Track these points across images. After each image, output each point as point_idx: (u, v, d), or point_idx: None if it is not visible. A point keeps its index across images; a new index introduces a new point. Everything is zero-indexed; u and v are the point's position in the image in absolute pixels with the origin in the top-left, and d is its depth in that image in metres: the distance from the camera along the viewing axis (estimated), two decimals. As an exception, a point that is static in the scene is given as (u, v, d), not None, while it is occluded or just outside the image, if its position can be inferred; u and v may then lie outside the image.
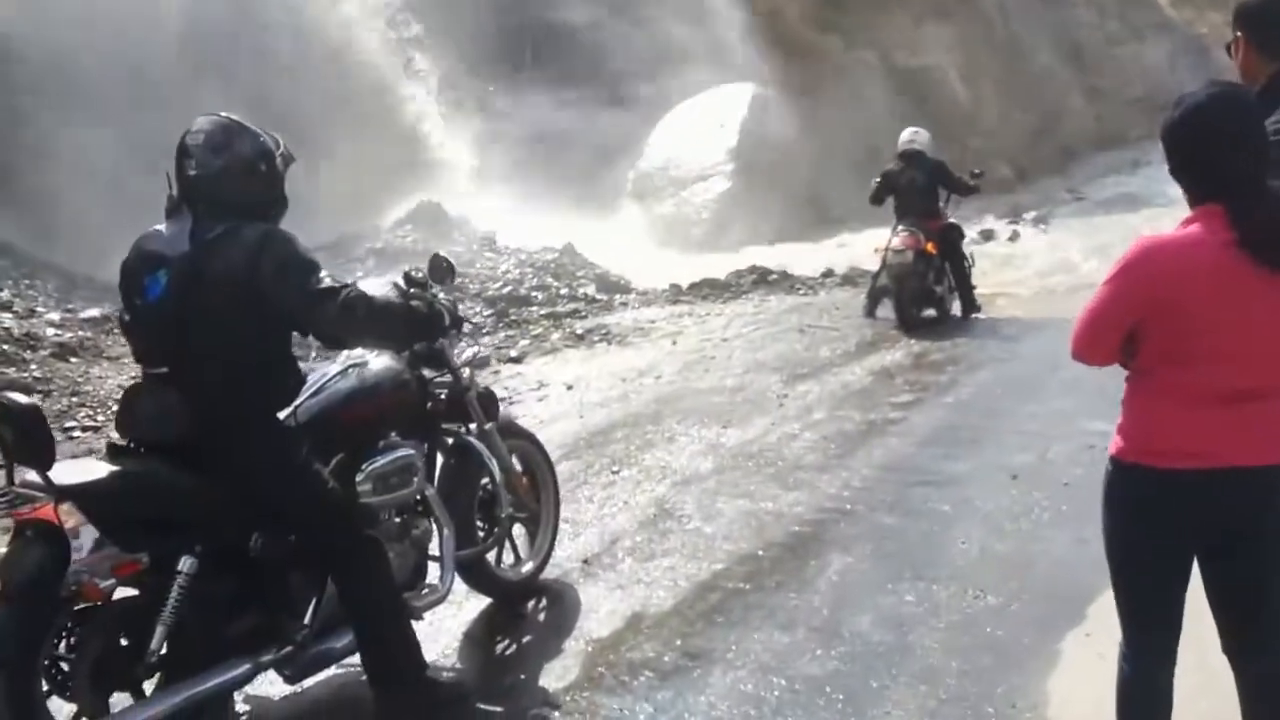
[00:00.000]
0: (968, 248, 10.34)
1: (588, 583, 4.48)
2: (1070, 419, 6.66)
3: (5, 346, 7.89)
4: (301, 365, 3.83)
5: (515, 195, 16.94)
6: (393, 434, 3.88)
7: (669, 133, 19.13)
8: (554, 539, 4.58)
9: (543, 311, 10.28)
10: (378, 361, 3.82)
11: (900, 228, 9.72)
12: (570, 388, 7.61)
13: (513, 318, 10.00)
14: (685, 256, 16.40)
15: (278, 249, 3.24)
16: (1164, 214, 21.13)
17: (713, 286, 11.17)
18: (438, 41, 19.39)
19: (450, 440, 4.21)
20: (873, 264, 12.84)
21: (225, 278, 3.24)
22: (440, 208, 13.86)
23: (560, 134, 19.39)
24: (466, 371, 4.18)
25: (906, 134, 10.25)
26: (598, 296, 11.45)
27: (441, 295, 3.92)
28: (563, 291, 11.39)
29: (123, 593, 3.17)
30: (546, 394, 7.51)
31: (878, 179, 10.22)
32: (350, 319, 3.25)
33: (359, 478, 3.63)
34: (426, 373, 4.08)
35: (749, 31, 21.01)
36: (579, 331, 9.33)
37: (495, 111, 19.62)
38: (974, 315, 9.97)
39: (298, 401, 3.54)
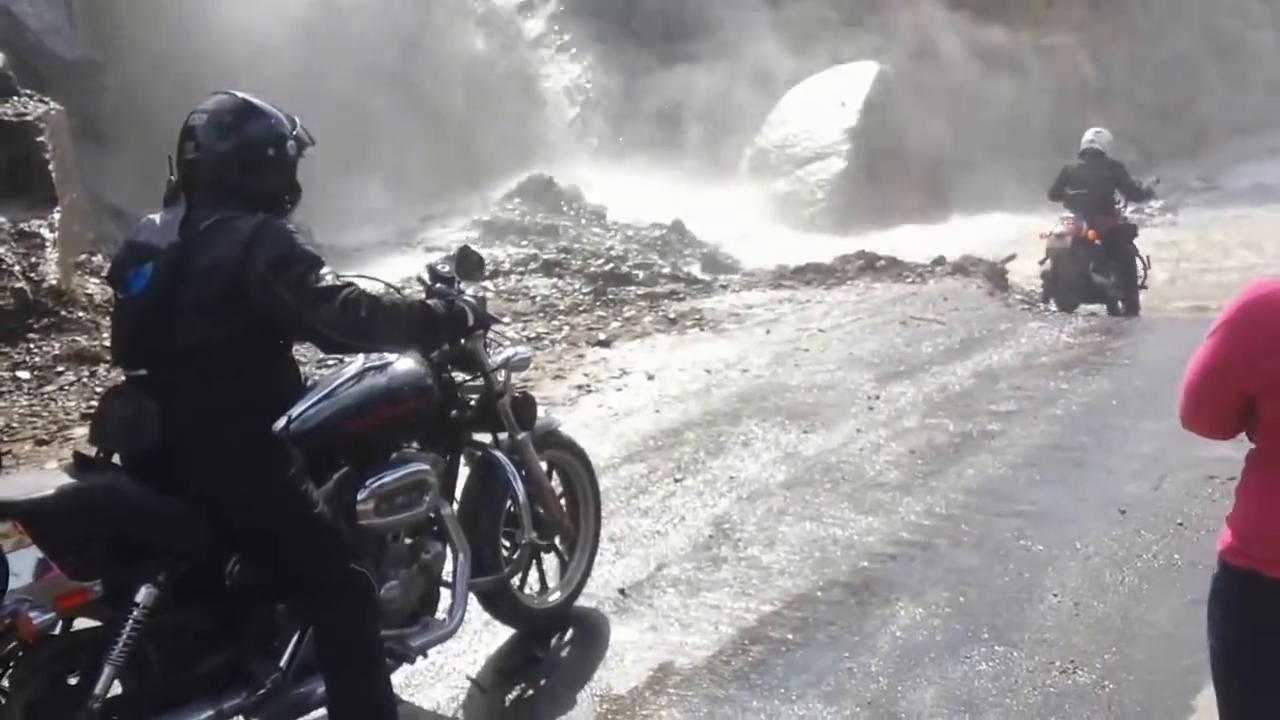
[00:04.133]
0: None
1: (620, 619, 3.83)
2: (1190, 442, 5.54)
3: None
4: (313, 370, 3.29)
5: (634, 169, 16.27)
6: (413, 444, 3.30)
7: (790, 109, 18.13)
8: (589, 565, 3.93)
9: (640, 292, 9.59)
10: (400, 364, 3.24)
11: (1066, 216, 9.55)
12: (651, 378, 6.93)
13: (610, 296, 9.35)
14: (798, 236, 15.49)
15: (272, 241, 2.75)
16: (1304, 206, 19.31)
17: (817, 271, 10.29)
18: (569, 15, 18.79)
19: (477, 453, 3.59)
20: (990, 252, 11.87)
21: (213, 271, 2.75)
22: (551, 181, 13.28)
23: (686, 109, 18.61)
24: (502, 375, 3.56)
25: (1089, 134, 10.06)
26: (700, 277, 10.71)
27: (469, 292, 3.35)
28: (665, 270, 10.69)
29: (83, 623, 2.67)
30: (626, 383, 6.84)
31: (1058, 175, 10.04)
32: (351, 321, 2.75)
33: (360, 495, 3.05)
34: (458, 375, 3.49)
35: (879, 7, 19.79)
36: (672, 315, 8.62)
37: (622, 85, 18.94)
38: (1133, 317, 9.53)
39: (297, 410, 2.98)
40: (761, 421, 6.03)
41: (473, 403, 3.52)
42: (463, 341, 3.36)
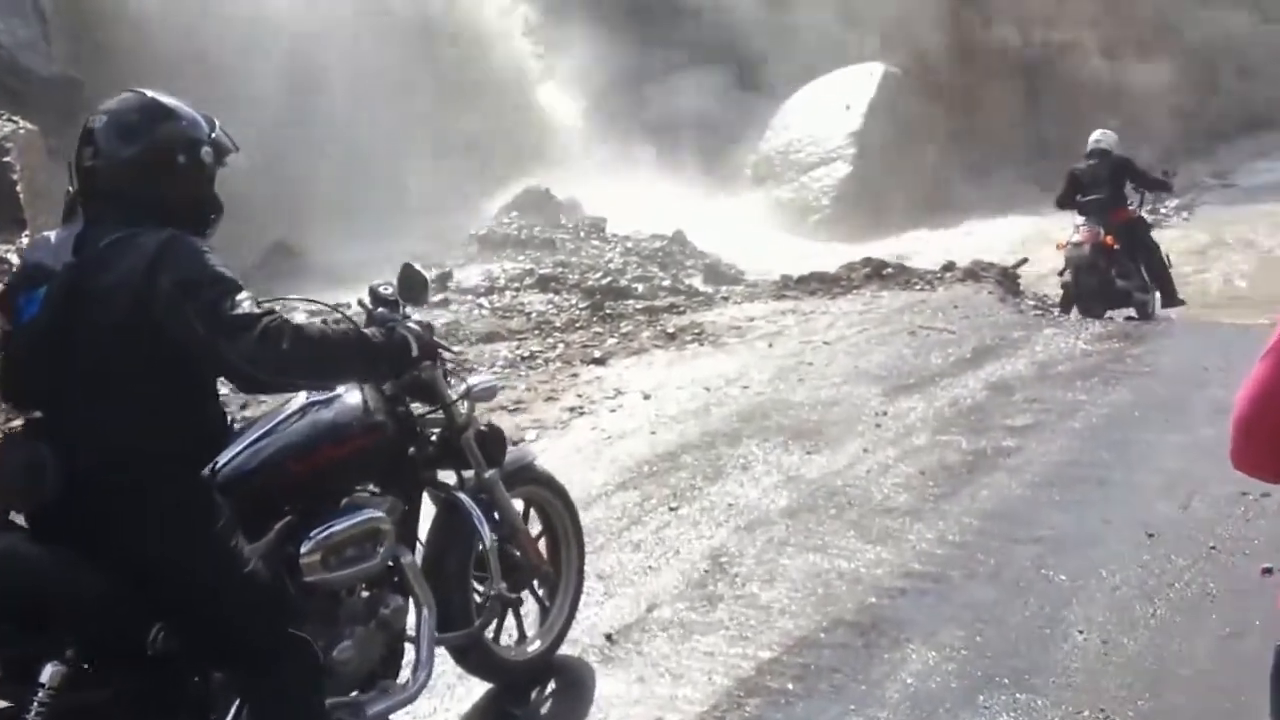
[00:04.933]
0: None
1: (606, 668, 3.54)
2: (1219, 455, 5.24)
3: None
4: (244, 411, 2.98)
5: (633, 178, 16.02)
6: (370, 486, 3.00)
7: (794, 114, 17.90)
8: (572, 611, 3.62)
9: (639, 306, 9.33)
10: (349, 397, 2.92)
11: (1081, 223, 9.44)
12: (648, 397, 6.65)
13: (607, 312, 9.09)
14: (803, 244, 15.24)
15: (180, 261, 2.41)
16: (1322, 204, 18.94)
17: (821, 281, 10.01)
18: (568, 23, 18.57)
19: (441, 494, 3.29)
20: (1001, 256, 11.60)
21: (113, 295, 2.41)
22: (548, 193, 13.04)
23: (686, 115, 18.36)
24: (464, 406, 3.21)
25: (1095, 134, 10.02)
26: (701, 289, 10.45)
27: (415, 317, 3.02)
28: (665, 283, 10.43)
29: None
30: (621, 404, 6.56)
31: (1065, 180, 9.97)
32: (272, 355, 2.40)
33: (304, 548, 2.72)
34: (418, 408, 3.17)
35: (883, 6, 19.51)
36: (670, 330, 8.34)
37: (622, 94, 18.71)
38: (1174, 309, 9.50)
39: (227, 453, 2.69)
40: (762, 442, 5.74)
41: (434, 438, 3.20)
42: (410, 374, 2.99)
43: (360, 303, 3.09)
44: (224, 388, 2.66)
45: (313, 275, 11.81)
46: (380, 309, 3.02)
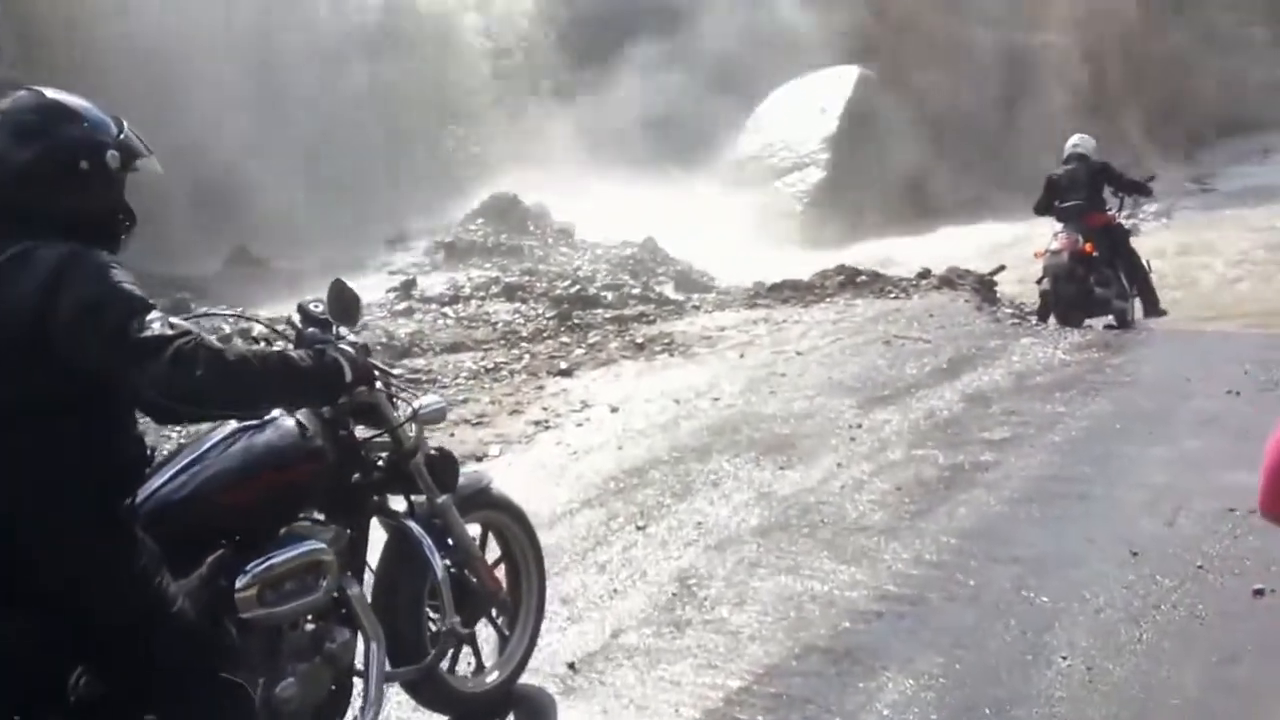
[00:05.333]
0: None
1: (568, 700, 3.39)
2: (1204, 469, 5.29)
3: None
4: (170, 436, 2.81)
5: (604, 183, 15.88)
6: (314, 514, 2.84)
7: (768, 117, 17.83)
8: (533, 640, 3.48)
9: (608, 315, 9.19)
10: (283, 422, 2.76)
11: (1059, 230, 9.40)
12: (615, 410, 6.51)
13: (575, 321, 8.94)
14: (776, 250, 15.13)
15: (82, 278, 2.23)
16: (1300, 209, 19.06)
17: (794, 288, 9.91)
18: (538, 27, 18.44)
19: (390, 521, 3.12)
20: (979, 266, 11.54)
21: (11, 318, 2.23)
22: (515, 199, 12.88)
23: (657, 118, 18.25)
24: (412, 429, 3.05)
25: (1073, 139, 10.02)
26: (672, 297, 10.32)
27: (350, 337, 2.86)
28: (635, 291, 10.29)
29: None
30: (588, 417, 6.42)
31: (1043, 187, 9.89)
32: (185, 381, 2.21)
33: (239, 582, 2.57)
34: (363, 431, 3.00)
35: (859, 8, 19.49)
36: (640, 340, 8.21)
37: (593, 97, 18.58)
38: (1156, 317, 9.44)
39: (151, 484, 2.53)
40: (733, 457, 5.61)
41: (381, 463, 3.04)
42: (343, 400, 2.82)
43: (289, 321, 2.92)
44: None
45: (274, 283, 11.61)
46: (311, 329, 2.85)
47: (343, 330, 2.86)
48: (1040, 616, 3.82)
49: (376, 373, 2.87)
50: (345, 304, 2.88)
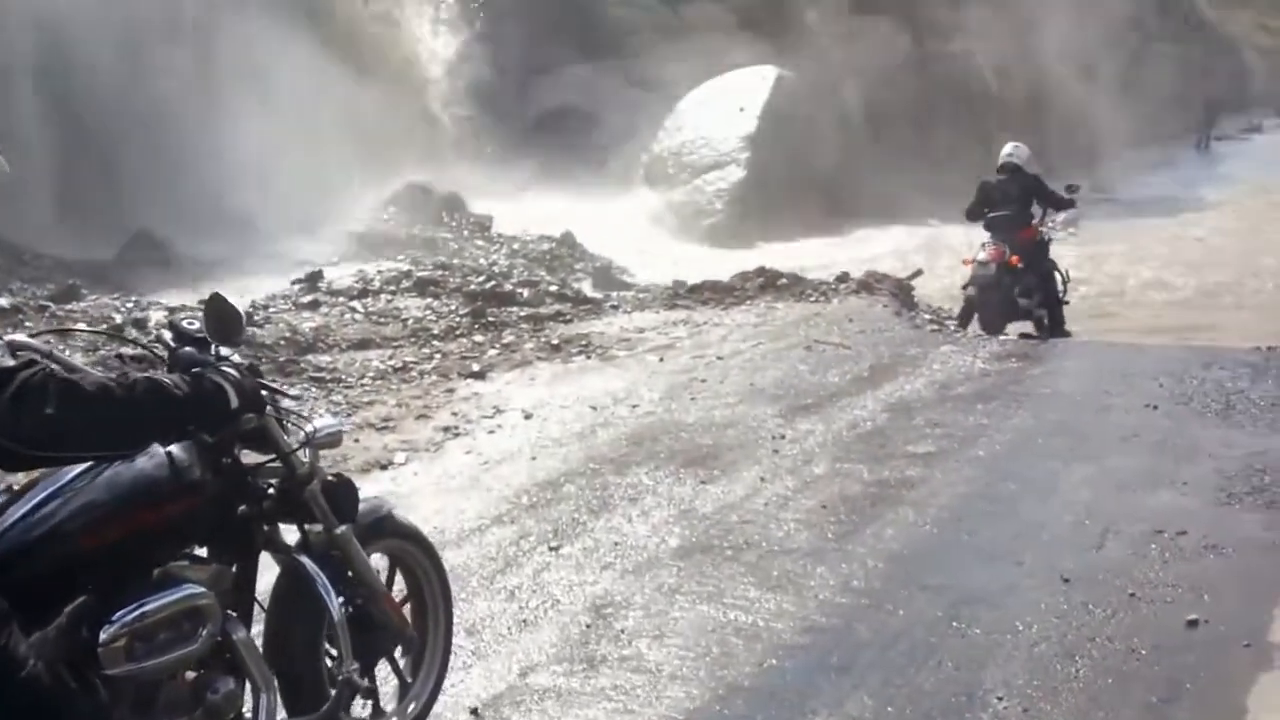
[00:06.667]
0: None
1: (470, 754, 3.04)
2: (1128, 487, 5.17)
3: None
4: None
5: (521, 175, 15.49)
6: (191, 548, 2.46)
7: (687, 115, 17.59)
8: (439, 680, 3.13)
9: (524, 313, 8.81)
10: (156, 449, 2.34)
11: (988, 240, 9.50)
12: (529, 416, 6.16)
13: (489, 319, 8.54)
14: (696, 248, 14.95)
15: None
16: (1197, 219, 19.57)
17: (715, 290, 9.67)
18: (457, 14, 17.90)
19: (282, 556, 2.72)
20: (895, 269, 11.46)
21: None
22: (429, 189, 12.41)
23: (575, 112, 17.90)
24: (306, 454, 2.66)
25: (1006, 148, 10.02)
26: (590, 295, 9.99)
27: (234, 358, 2.50)
28: (553, 288, 9.93)
29: None
30: (500, 424, 6.06)
31: (975, 192, 9.91)
32: (32, 420, 1.90)
33: (104, 635, 2.19)
34: (250, 457, 2.61)
35: (779, 8, 19.36)
36: (556, 341, 7.86)
37: (512, 88, 18.13)
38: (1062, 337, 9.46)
39: None
40: (653, 470, 5.31)
41: (271, 490, 2.65)
42: (228, 429, 2.46)
43: (160, 340, 2.54)
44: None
45: (176, 270, 10.99)
46: (186, 348, 2.47)
47: (223, 350, 2.49)
48: (974, 651, 3.60)
49: (265, 395, 2.51)
50: (225, 321, 2.47)
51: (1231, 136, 30.62)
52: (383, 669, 3.00)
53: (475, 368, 7.17)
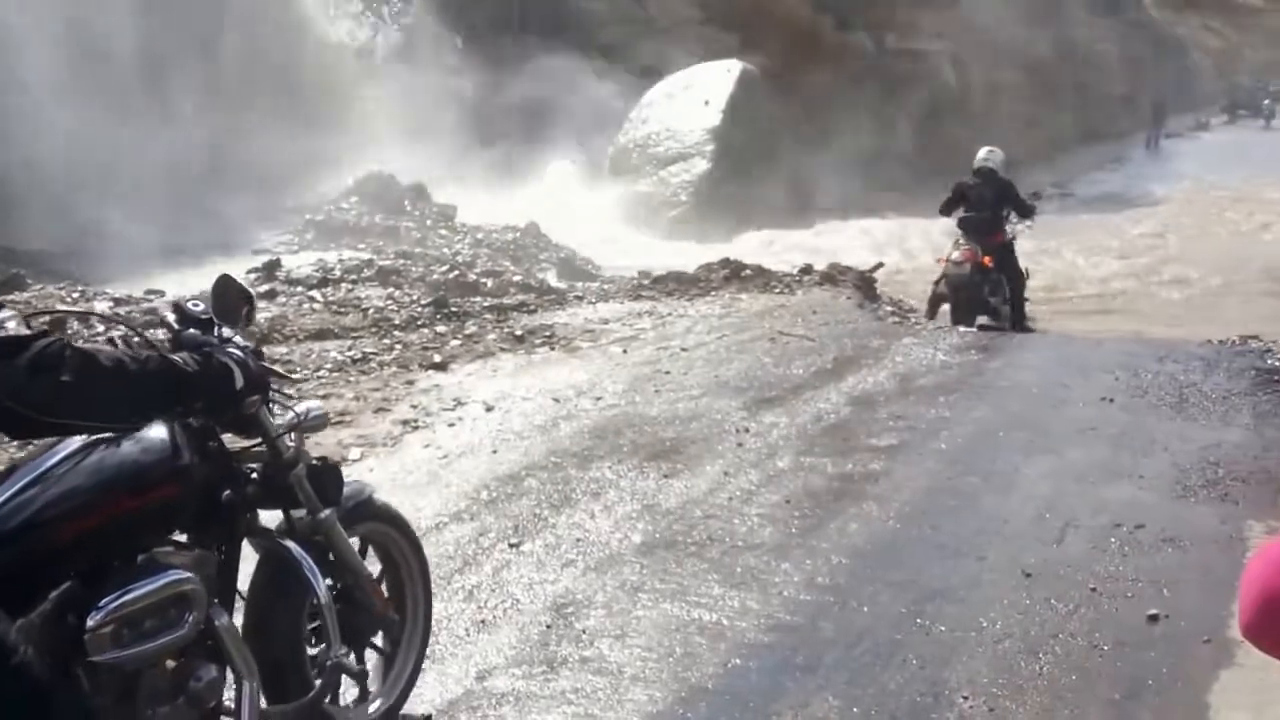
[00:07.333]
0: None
1: (425, 762, 2.90)
2: (1087, 480, 5.11)
3: None
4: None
5: (486, 165, 15.25)
6: (180, 537, 2.38)
7: (652, 107, 17.43)
8: (419, 662, 3.07)
9: (487, 304, 8.63)
10: (147, 432, 2.26)
11: (961, 240, 9.76)
12: (490, 409, 6.00)
13: (452, 309, 8.35)
14: (661, 239, 14.81)
15: None
16: (1149, 214, 19.71)
17: (679, 281, 9.53)
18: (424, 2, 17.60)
19: (264, 542, 2.64)
20: (856, 261, 11.41)
21: None
22: (392, 178, 12.15)
23: (545, 104, 17.65)
24: (292, 439, 2.61)
25: (982, 152, 10.24)
26: (555, 286, 9.83)
27: (238, 340, 2.44)
28: (516, 278, 9.75)
29: None
30: (460, 417, 5.89)
31: (951, 190, 10.20)
32: (48, 389, 1.90)
33: (91, 621, 2.10)
34: (233, 441, 2.54)
35: (741, 5, 19.23)
36: (519, 332, 7.69)
37: (478, 78, 17.85)
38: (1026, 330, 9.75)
39: None
40: (616, 464, 5.17)
41: (255, 476, 2.58)
42: (233, 411, 2.42)
43: (164, 322, 2.49)
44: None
45: (126, 260, 10.66)
46: (190, 330, 2.42)
47: (226, 332, 2.44)
48: (938, 649, 3.50)
49: (271, 379, 2.49)
50: (231, 301, 2.49)
51: (1180, 135, 30.90)
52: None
53: (436, 359, 6.99)
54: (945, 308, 9.76)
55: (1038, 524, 4.58)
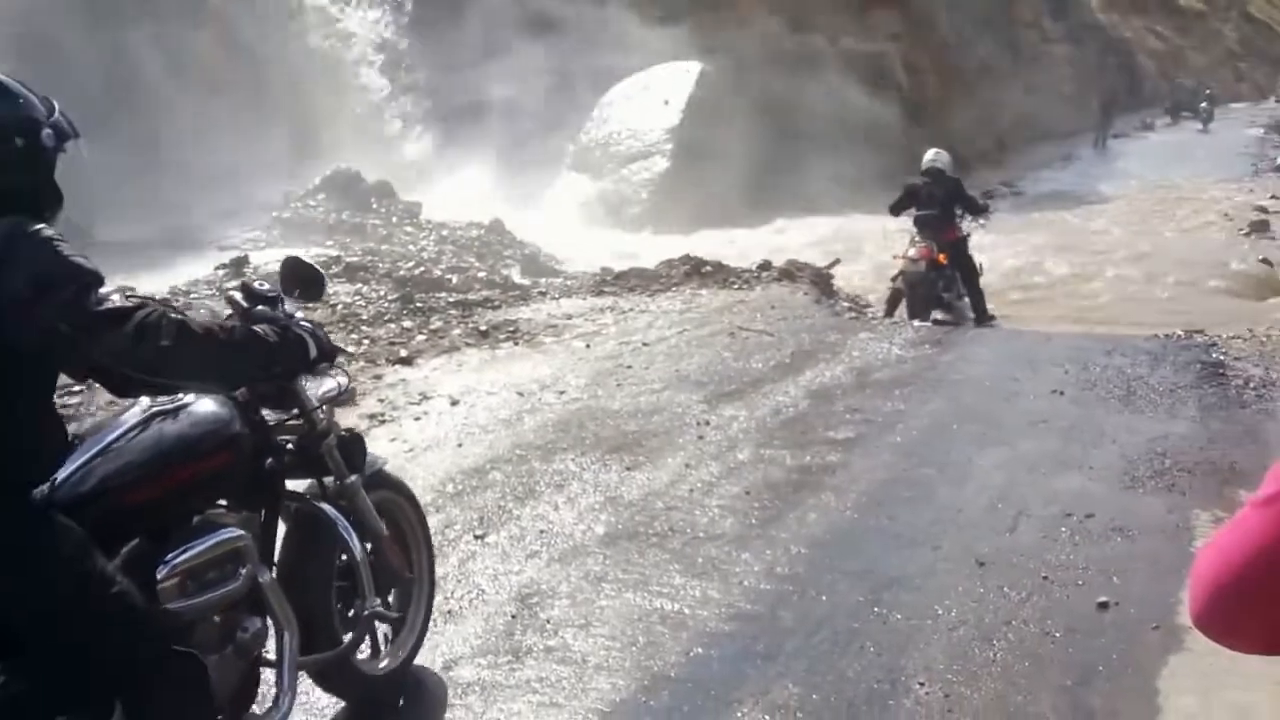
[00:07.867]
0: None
1: (391, 752, 2.88)
2: (1038, 471, 5.17)
3: None
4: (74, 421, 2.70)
5: (451, 163, 15.15)
6: (220, 503, 2.54)
7: (612, 106, 17.40)
8: (427, 618, 3.26)
9: (452, 299, 8.58)
10: (199, 406, 2.47)
11: (917, 238, 9.86)
12: (455, 403, 5.97)
13: (418, 305, 8.30)
14: (622, 236, 14.78)
15: (29, 255, 2.07)
16: (1097, 211, 19.96)
17: (640, 277, 9.53)
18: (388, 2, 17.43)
19: (297, 506, 2.82)
20: (813, 258, 11.47)
21: None
22: (358, 175, 12.03)
23: (508, 102, 17.56)
24: (324, 411, 2.82)
25: (930, 154, 10.37)
26: (519, 282, 9.78)
27: (299, 315, 2.62)
28: (481, 274, 9.70)
29: None
30: (426, 410, 5.86)
31: (901, 191, 10.33)
32: (151, 353, 2.07)
33: (160, 573, 2.31)
34: (269, 414, 2.70)
35: (699, 6, 19.24)
36: (484, 327, 7.65)
37: (442, 76, 17.72)
38: (989, 323, 9.81)
39: (63, 472, 2.21)
40: (579, 456, 5.16)
41: (290, 446, 2.76)
42: (304, 377, 2.70)
43: (230, 300, 2.66)
44: None
45: (102, 255, 10.43)
46: (260, 306, 2.60)
47: (289, 307, 2.65)
48: (895, 637, 3.53)
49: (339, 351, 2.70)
50: (301, 280, 2.75)
51: (1127, 135, 31.34)
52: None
53: (403, 354, 6.94)
54: (903, 304, 9.83)
55: (991, 514, 4.62)
